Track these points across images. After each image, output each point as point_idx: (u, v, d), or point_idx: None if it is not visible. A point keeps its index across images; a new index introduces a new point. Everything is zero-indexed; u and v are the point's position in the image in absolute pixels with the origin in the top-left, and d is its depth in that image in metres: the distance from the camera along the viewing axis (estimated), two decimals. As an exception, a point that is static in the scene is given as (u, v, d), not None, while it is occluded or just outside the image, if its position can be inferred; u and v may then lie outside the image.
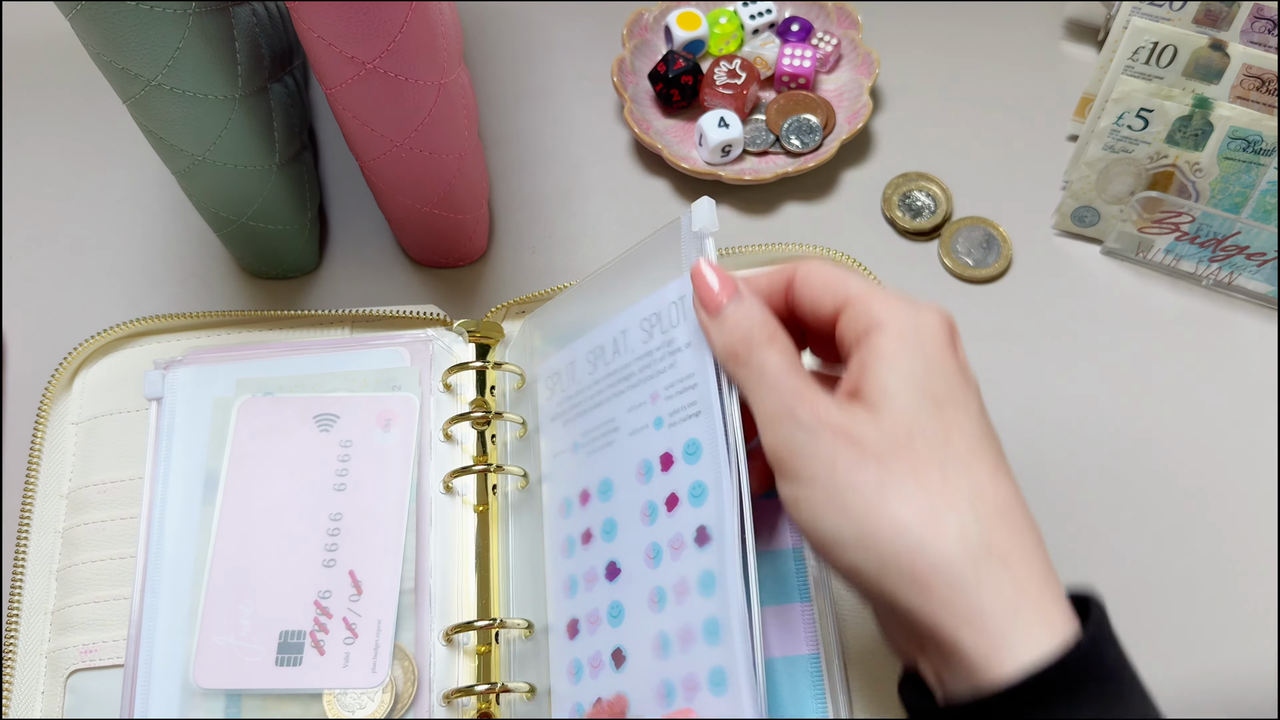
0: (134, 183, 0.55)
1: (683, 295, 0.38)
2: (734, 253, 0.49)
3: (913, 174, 0.54)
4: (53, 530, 0.45)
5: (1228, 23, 0.49)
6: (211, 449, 0.44)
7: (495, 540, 0.43)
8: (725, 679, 0.34)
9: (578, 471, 0.41)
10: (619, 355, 0.41)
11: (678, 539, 0.37)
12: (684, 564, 0.37)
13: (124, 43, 0.39)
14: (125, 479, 0.45)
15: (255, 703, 0.40)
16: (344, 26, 0.38)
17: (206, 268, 0.53)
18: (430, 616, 0.42)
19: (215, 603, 0.41)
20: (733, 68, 0.54)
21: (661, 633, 0.36)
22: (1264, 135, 0.48)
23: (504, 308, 0.48)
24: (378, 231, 0.54)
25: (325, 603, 0.42)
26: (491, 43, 0.59)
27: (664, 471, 0.38)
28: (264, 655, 0.41)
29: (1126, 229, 0.50)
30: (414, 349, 0.46)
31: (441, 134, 0.44)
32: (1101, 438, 0.47)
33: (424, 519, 0.43)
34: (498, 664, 0.41)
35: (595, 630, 0.39)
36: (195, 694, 0.40)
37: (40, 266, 0.53)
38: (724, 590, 0.35)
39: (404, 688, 0.40)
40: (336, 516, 0.43)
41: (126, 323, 0.47)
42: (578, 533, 0.40)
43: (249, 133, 0.44)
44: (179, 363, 0.45)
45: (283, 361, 0.46)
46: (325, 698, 0.40)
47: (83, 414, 0.46)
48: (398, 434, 0.44)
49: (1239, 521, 0.46)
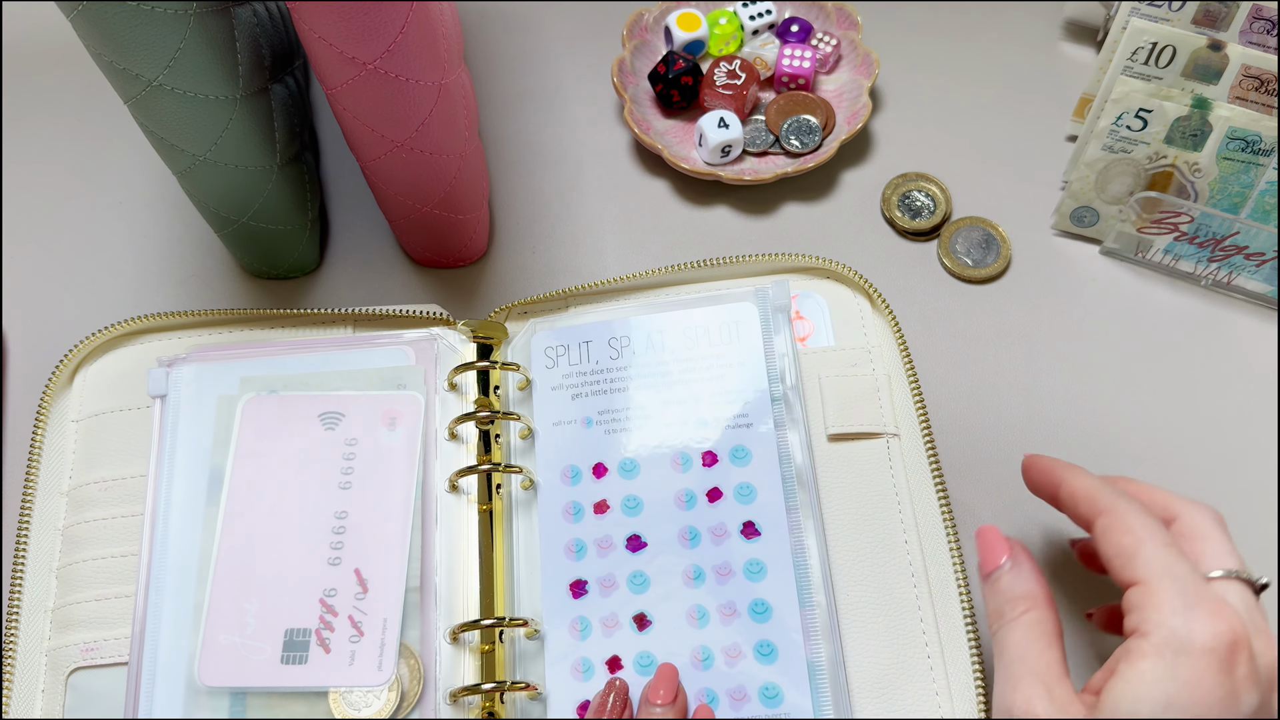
0: (134, 183, 0.55)
1: (738, 320, 0.45)
2: (736, 261, 0.48)
3: (912, 174, 0.54)
4: (53, 528, 0.44)
5: (1226, 23, 0.49)
6: (216, 446, 0.44)
7: (500, 539, 0.43)
8: (775, 649, 0.40)
9: (592, 445, 0.44)
10: (653, 351, 0.45)
11: (720, 528, 0.42)
12: (726, 550, 0.41)
13: (125, 43, 0.39)
14: (127, 476, 0.45)
15: (261, 701, 0.40)
16: (344, 27, 0.38)
17: (207, 268, 0.53)
18: (436, 615, 0.42)
19: (220, 600, 0.41)
20: (732, 68, 0.54)
21: (698, 605, 0.41)
22: (1263, 135, 0.48)
23: (507, 309, 0.48)
24: (378, 231, 0.54)
25: (331, 601, 0.41)
26: (491, 43, 0.59)
27: (705, 466, 0.43)
28: (269, 653, 0.41)
29: (1125, 229, 0.50)
30: (419, 348, 0.46)
31: (442, 134, 0.44)
32: (1101, 438, 0.48)
33: (429, 517, 0.43)
34: (502, 663, 0.41)
35: (610, 593, 0.41)
36: (200, 692, 0.40)
37: (41, 266, 0.53)
38: (773, 578, 0.40)
39: (410, 686, 0.40)
40: (342, 515, 0.43)
41: (127, 320, 0.47)
42: (589, 501, 0.43)
43: (250, 133, 0.45)
44: (183, 360, 0.45)
45: (287, 360, 0.46)
46: (331, 696, 0.40)
47: (83, 411, 0.46)
48: (403, 433, 0.44)
49: (1239, 521, 0.46)
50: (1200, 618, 0.31)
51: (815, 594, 0.40)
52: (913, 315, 0.51)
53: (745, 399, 0.44)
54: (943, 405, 0.48)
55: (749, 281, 0.48)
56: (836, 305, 0.47)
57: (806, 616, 0.40)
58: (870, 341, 0.46)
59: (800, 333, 0.46)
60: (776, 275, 0.48)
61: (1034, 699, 0.32)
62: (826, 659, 0.39)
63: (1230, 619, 0.31)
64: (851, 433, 0.44)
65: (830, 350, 0.46)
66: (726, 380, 0.44)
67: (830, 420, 0.44)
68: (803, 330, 0.47)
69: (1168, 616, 0.31)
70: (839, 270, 0.47)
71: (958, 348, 0.50)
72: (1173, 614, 0.31)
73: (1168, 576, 0.32)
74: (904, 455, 0.44)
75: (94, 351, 0.47)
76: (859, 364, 0.45)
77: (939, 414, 0.48)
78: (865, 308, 0.47)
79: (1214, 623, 0.31)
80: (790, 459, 0.43)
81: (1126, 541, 0.33)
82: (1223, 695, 0.30)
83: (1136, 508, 0.34)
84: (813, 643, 0.40)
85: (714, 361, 0.45)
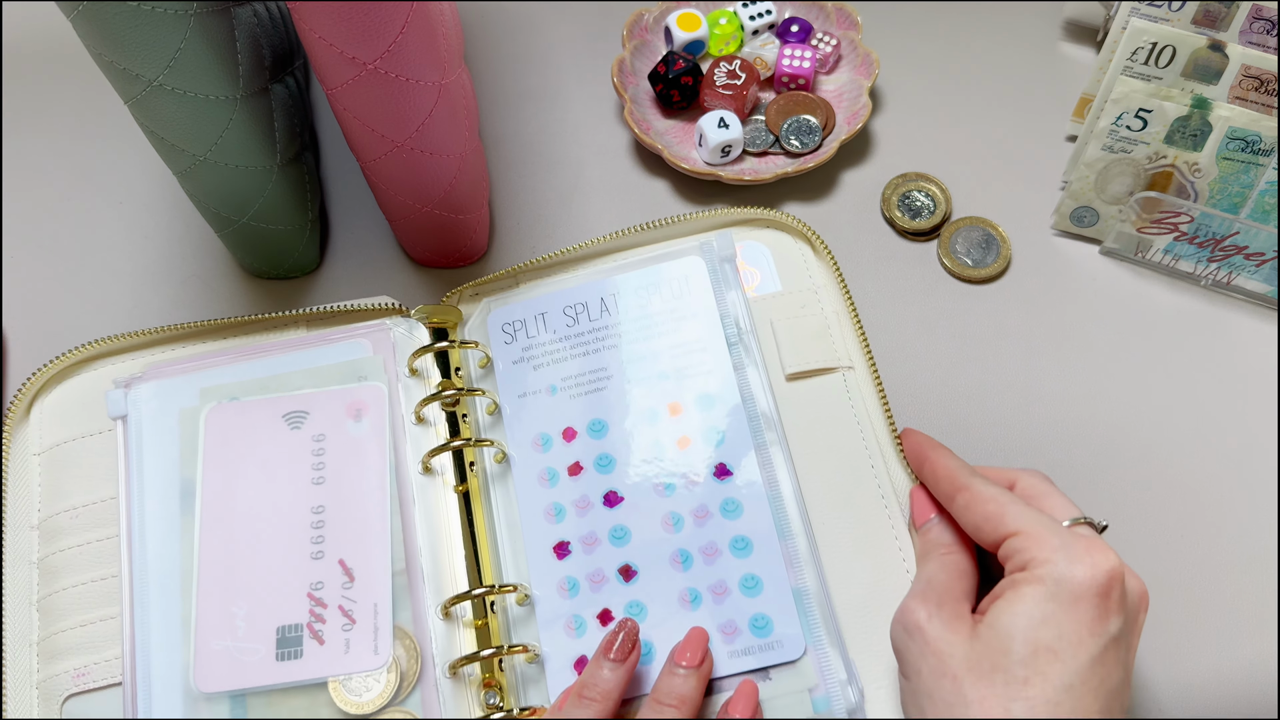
0: (135, 183, 0.55)
1: (687, 275, 0.47)
2: (677, 220, 0.49)
3: (912, 174, 0.54)
4: (27, 562, 0.44)
5: (1226, 23, 0.49)
6: (184, 459, 0.44)
7: (480, 514, 0.44)
8: (759, 581, 0.41)
9: (558, 411, 0.45)
10: (608, 314, 0.47)
11: (693, 473, 0.43)
12: (702, 493, 0.43)
13: (125, 43, 0.39)
14: (97, 501, 0.44)
15: (260, 700, 0.40)
16: (345, 27, 0.38)
17: (207, 268, 0.53)
18: (425, 593, 0.42)
19: (207, 608, 0.42)
20: (732, 69, 0.54)
21: (680, 549, 0.42)
22: (1262, 135, 0.48)
23: (458, 292, 0.49)
24: (378, 231, 0.54)
25: (318, 593, 0.42)
26: (491, 43, 0.59)
27: (672, 417, 0.44)
28: (263, 652, 0.41)
29: (1125, 229, 0.50)
30: (375, 338, 0.47)
31: (442, 134, 0.44)
32: (1101, 438, 0.48)
33: (407, 500, 0.44)
34: (497, 633, 0.42)
35: (594, 550, 0.43)
36: (198, 699, 0.40)
37: (41, 267, 0.53)
38: (750, 514, 0.42)
39: (408, 666, 0.41)
40: (319, 509, 0.43)
41: (77, 348, 0.46)
42: (562, 465, 0.44)
43: (250, 133, 0.45)
44: (139, 379, 0.45)
45: (245, 366, 0.46)
46: (331, 686, 0.40)
47: (44, 443, 0.46)
48: (370, 422, 0.45)
49: (1239, 521, 0.46)
50: (1081, 553, 0.34)
51: (793, 524, 0.42)
52: (913, 315, 0.51)
53: (703, 348, 0.46)
54: (943, 405, 0.49)
55: (693, 239, 0.49)
56: (780, 252, 0.49)
57: (787, 547, 0.42)
58: (816, 283, 0.48)
59: (747, 282, 0.48)
60: (719, 229, 0.49)
61: (919, 611, 0.36)
62: (811, 585, 0.41)
63: (1109, 553, 0.34)
64: (808, 370, 0.46)
65: (778, 295, 0.48)
66: (683, 333, 0.46)
67: (787, 361, 0.46)
68: (749, 280, 0.48)
69: (1051, 554, 0.35)
70: (779, 219, 0.49)
71: (958, 348, 0.50)
72: (1055, 551, 0.35)
73: (1039, 524, 0.36)
74: (860, 386, 0.46)
75: (48, 382, 0.47)
76: (808, 305, 0.47)
77: (939, 414, 0.48)
78: (807, 252, 0.49)
79: (1095, 556, 0.34)
80: (753, 399, 0.44)
81: (990, 508, 0.37)
82: (1094, 617, 0.34)
83: (989, 483, 0.38)
84: (795, 571, 0.41)
85: (668, 317, 0.46)
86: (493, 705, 0.41)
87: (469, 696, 0.41)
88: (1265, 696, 0.43)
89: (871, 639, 0.41)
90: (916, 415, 0.48)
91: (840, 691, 0.40)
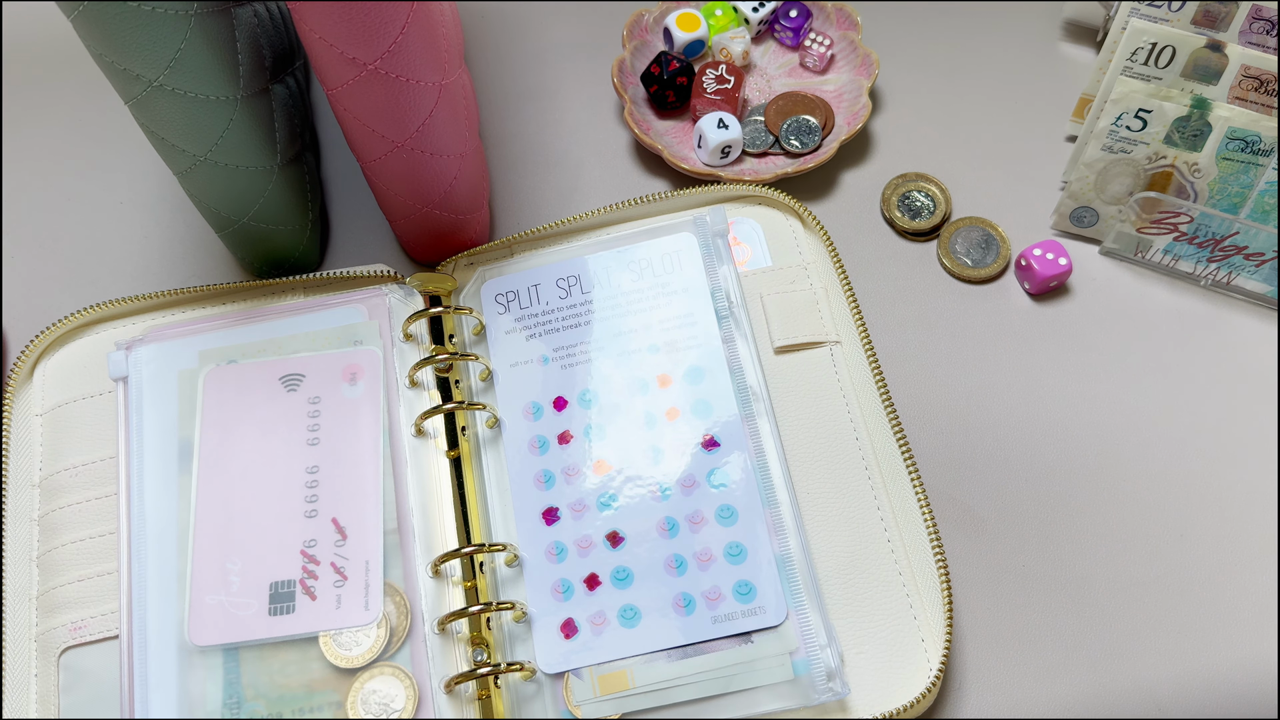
0: (135, 183, 0.55)
1: (679, 249, 0.48)
2: (671, 195, 0.49)
3: (912, 174, 0.54)
4: (28, 519, 0.45)
5: (1226, 23, 0.49)
6: (182, 419, 0.45)
7: (471, 478, 0.45)
8: (744, 549, 0.42)
9: (550, 381, 0.46)
10: (601, 286, 0.48)
11: (682, 443, 0.44)
12: (690, 463, 0.44)
13: (125, 43, 0.39)
14: (97, 460, 0.45)
15: (253, 654, 0.41)
16: (345, 28, 0.38)
17: (208, 268, 0.53)
18: (415, 552, 0.43)
19: (203, 564, 0.42)
20: (719, 73, 0.54)
21: (667, 517, 0.43)
22: (1262, 136, 0.48)
23: (453, 261, 0.49)
24: (379, 231, 0.54)
25: (311, 551, 0.43)
26: (491, 43, 0.59)
27: (662, 388, 0.45)
28: (257, 607, 0.42)
29: (1125, 229, 0.50)
30: (371, 304, 0.47)
31: (442, 135, 0.44)
32: (1100, 438, 0.48)
33: (400, 462, 0.45)
34: (485, 592, 0.43)
35: (582, 516, 0.44)
36: (192, 653, 0.41)
37: (41, 267, 0.53)
38: (736, 484, 0.43)
39: (398, 622, 0.42)
40: (313, 469, 0.44)
41: (81, 311, 0.48)
42: (553, 434, 0.45)
43: (250, 133, 0.45)
44: (140, 341, 0.46)
45: (243, 330, 0.47)
46: (322, 640, 0.41)
47: (46, 404, 0.47)
48: (365, 386, 0.46)
49: (1238, 521, 0.46)
50: None
51: (778, 493, 0.43)
52: (913, 315, 0.51)
53: (694, 321, 0.47)
54: (943, 405, 0.49)
55: (686, 214, 0.50)
56: (770, 228, 0.50)
57: (771, 515, 0.43)
58: (806, 259, 0.49)
59: (738, 257, 0.49)
60: (711, 205, 0.50)
61: None
62: (794, 551, 0.42)
63: None
64: (796, 344, 0.47)
65: (769, 270, 0.49)
66: (674, 306, 0.47)
67: (775, 334, 0.47)
68: (740, 255, 0.49)
69: None
70: (770, 196, 0.50)
71: (958, 348, 0.50)
72: None
73: None
74: (847, 359, 0.47)
75: (51, 345, 0.48)
76: (797, 280, 0.48)
77: (940, 414, 0.48)
78: (798, 228, 0.50)
79: None
80: (741, 371, 0.45)
81: None
82: None
83: None
84: (779, 538, 0.42)
85: (660, 290, 0.47)
86: (480, 661, 0.41)
87: (457, 653, 0.42)
88: (1265, 696, 0.43)
89: (852, 603, 0.42)
90: (917, 415, 0.48)
91: (820, 654, 0.40)
